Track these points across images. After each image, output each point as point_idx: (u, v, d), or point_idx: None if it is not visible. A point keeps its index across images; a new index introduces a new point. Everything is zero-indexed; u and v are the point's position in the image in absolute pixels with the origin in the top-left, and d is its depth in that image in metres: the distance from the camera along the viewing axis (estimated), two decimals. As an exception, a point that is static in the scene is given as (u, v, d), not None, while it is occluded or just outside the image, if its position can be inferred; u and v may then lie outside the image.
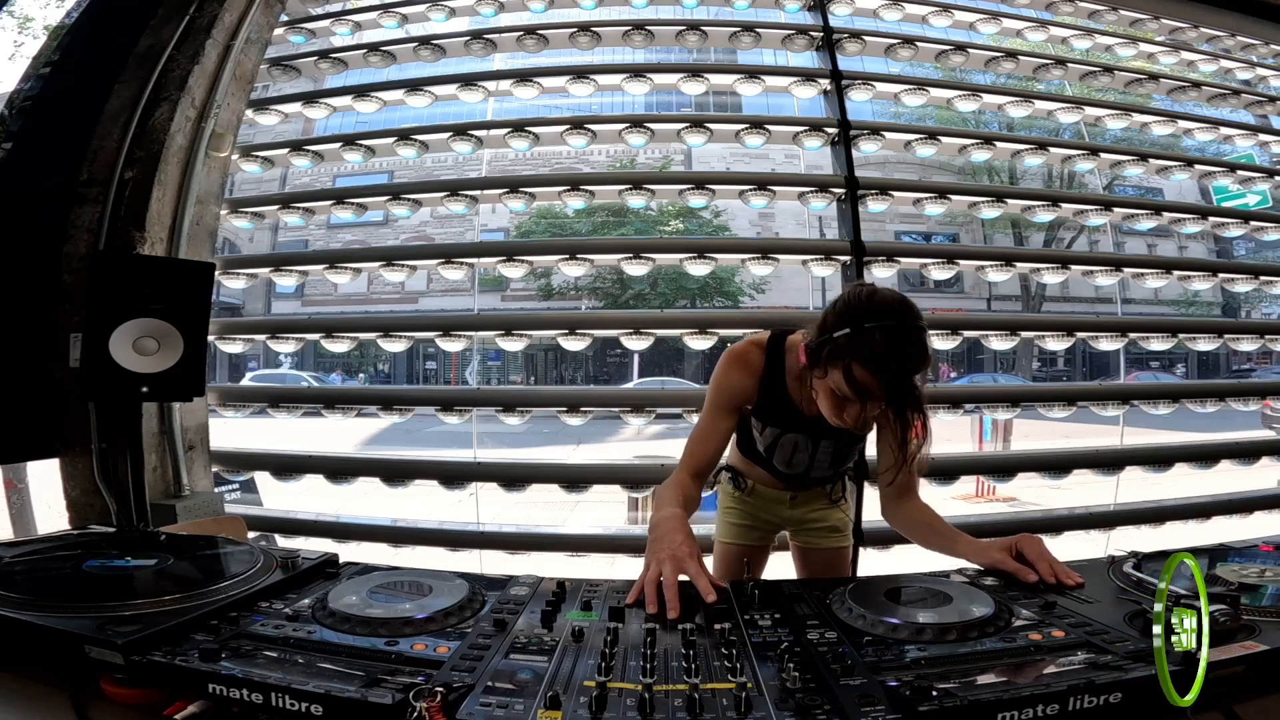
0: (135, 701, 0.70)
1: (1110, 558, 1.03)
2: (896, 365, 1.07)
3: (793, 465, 1.43)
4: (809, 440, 1.38)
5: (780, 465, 1.44)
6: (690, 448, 1.33)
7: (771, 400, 1.35)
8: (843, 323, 1.11)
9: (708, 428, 1.33)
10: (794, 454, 1.41)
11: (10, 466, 3.20)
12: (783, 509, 1.56)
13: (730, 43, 3.27)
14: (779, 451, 1.41)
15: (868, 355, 1.06)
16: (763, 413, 1.39)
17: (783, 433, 1.38)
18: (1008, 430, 7.55)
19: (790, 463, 1.43)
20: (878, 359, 1.06)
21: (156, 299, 2.04)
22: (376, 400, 3.00)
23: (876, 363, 1.06)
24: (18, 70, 2.66)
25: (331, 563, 1.02)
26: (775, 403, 1.35)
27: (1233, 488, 3.00)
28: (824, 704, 0.64)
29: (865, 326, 1.07)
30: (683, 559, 0.94)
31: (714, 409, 1.33)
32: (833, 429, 1.25)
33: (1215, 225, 3.40)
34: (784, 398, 1.34)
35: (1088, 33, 3.63)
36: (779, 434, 1.39)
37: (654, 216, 15.27)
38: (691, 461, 1.30)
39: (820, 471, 1.45)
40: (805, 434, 1.37)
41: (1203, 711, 0.66)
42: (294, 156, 3.14)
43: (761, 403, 1.36)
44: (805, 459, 1.41)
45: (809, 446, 1.39)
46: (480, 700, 0.64)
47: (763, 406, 1.37)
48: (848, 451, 1.44)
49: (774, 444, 1.41)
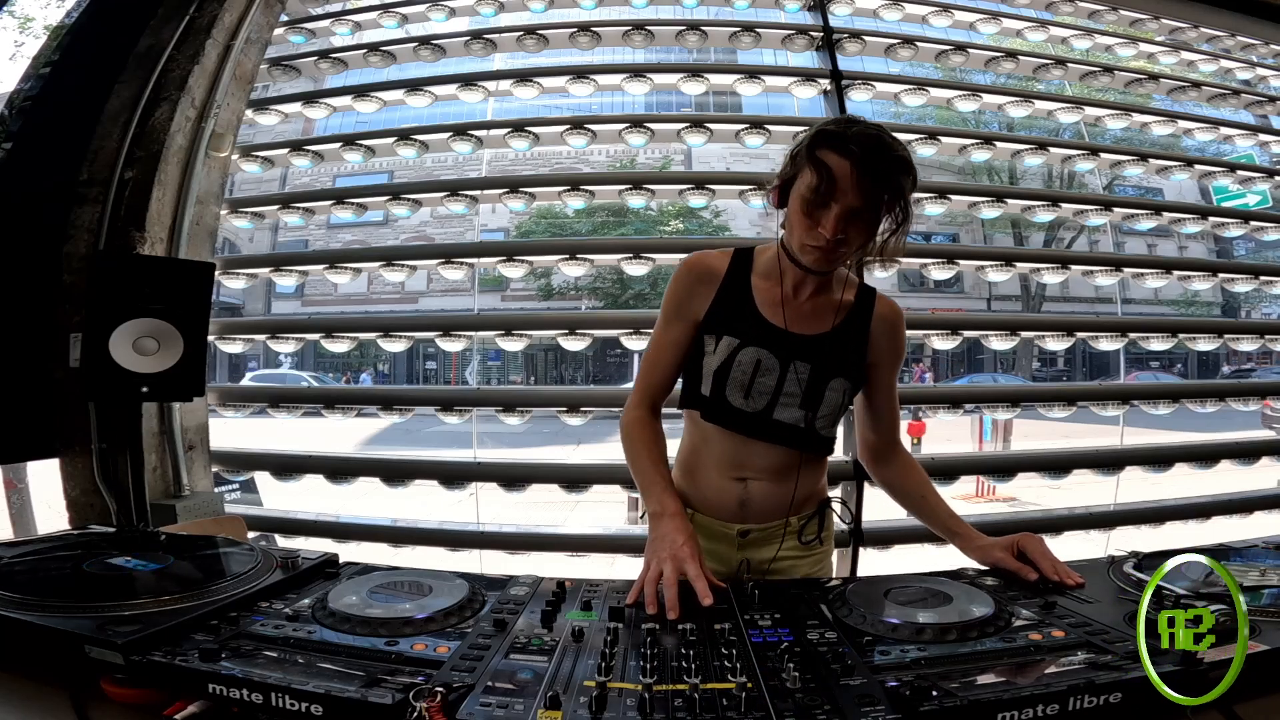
0: (135, 701, 0.70)
1: (1110, 558, 1.03)
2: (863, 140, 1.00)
3: (752, 395, 1.13)
4: (776, 359, 1.13)
5: (736, 397, 1.14)
6: (642, 370, 1.21)
7: (730, 305, 1.15)
8: (806, 138, 1.05)
9: (659, 340, 1.20)
10: (755, 377, 1.13)
11: (10, 466, 3.20)
12: (729, 550, 1.19)
13: (730, 43, 3.27)
14: (735, 373, 1.13)
15: (835, 140, 1.00)
16: (717, 321, 1.15)
17: (742, 345, 1.13)
18: (1008, 430, 7.56)
19: (749, 391, 1.13)
20: (843, 138, 1.00)
21: (156, 299, 2.04)
22: (376, 400, 3.00)
23: (841, 141, 1.00)
24: (18, 70, 2.66)
25: (331, 563, 1.02)
26: (734, 308, 1.15)
27: (1233, 488, 3.00)
28: (824, 704, 0.64)
29: (828, 127, 1.04)
30: (683, 559, 0.93)
31: (664, 319, 1.20)
32: (806, 347, 1.13)
33: (1215, 225, 3.40)
34: (746, 302, 1.15)
35: (1088, 33, 3.63)
36: (736, 347, 1.13)
37: (654, 216, 15.27)
38: (647, 390, 1.20)
39: (787, 411, 1.14)
40: (771, 348, 1.13)
41: (1203, 711, 0.66)
42: (294, 156, 3.14)
43: (717, 310, 1.16)
44: (770, 385, 1.13)
45: (776, 367, 1.13)
46: (480, 700, 0.64)
47: (718, 314, 1.16)
48: (823, 382, 1.14)
49: (729, 362, 1.13)
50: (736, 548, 1.19)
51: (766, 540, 1.19)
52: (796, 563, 1.21)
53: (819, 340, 1.14)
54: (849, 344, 1.16)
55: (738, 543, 1.19)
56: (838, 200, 1.00)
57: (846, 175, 0.99)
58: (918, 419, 6.60)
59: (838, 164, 0.99)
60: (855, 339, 1.17)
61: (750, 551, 1.20)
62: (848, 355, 1.16)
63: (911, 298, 17.70)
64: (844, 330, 1.16)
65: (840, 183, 0.99)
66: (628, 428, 1.18)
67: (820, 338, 1.14)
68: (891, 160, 1.00)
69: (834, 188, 1.00)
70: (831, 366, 1.14)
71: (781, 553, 1.20)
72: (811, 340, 1.14)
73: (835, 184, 0.99)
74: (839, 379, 1.15)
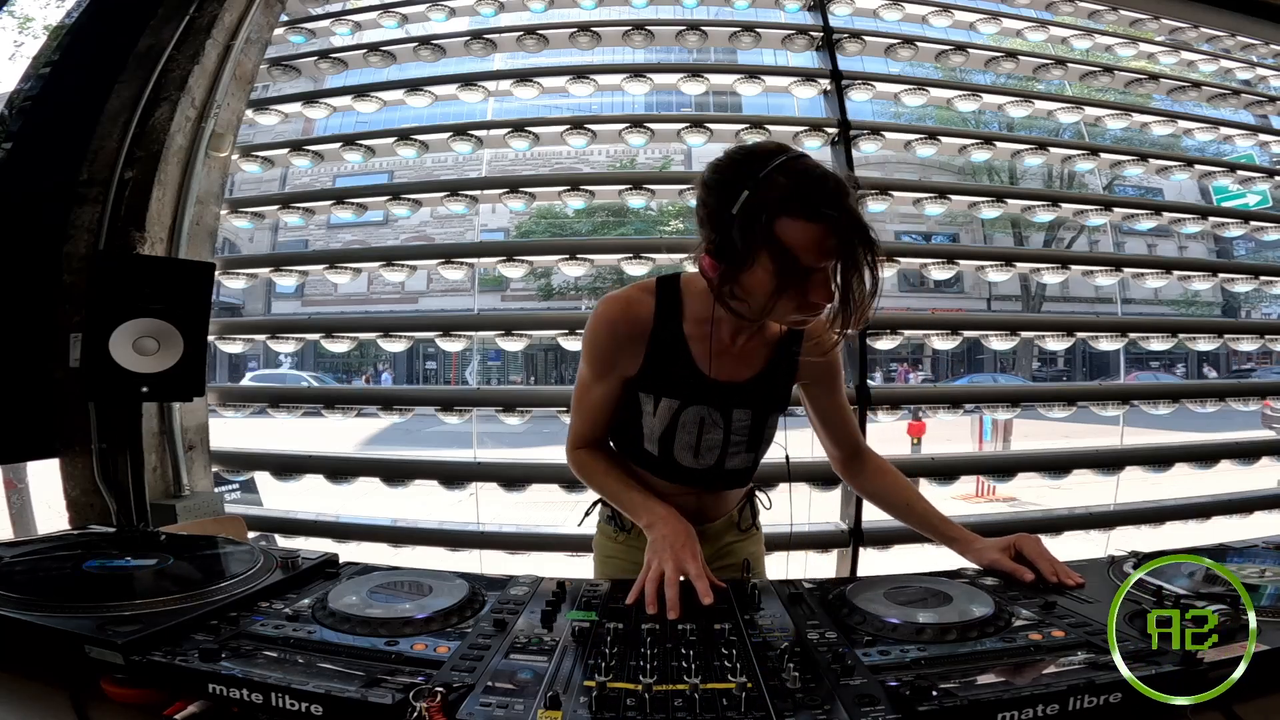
0: (135, 701, 0.70)
1: (1110, 558, 1.03)
2: (823, 193, 0.84)
3: (702, 452, 1.10)
4: (719, 412, 1.07)
5: (685, 457, 1.10)
6: (575, 415, 1.14)
7: (665, 359, 1.05)
8: (732, 189, 0.86)
9: (588, 391, 1.10)
10: (701, 434, 1.08)
11: (10, 466, 3.20)
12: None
13: (730, 43, 3.27)
14: (681, 435, 1.08)
15: (790, 202, 0.83)
16: (654, 380, 1.06)
17: (683, 405, 1.06)
18: (1008, 430, 7.55)
19: (698, 449, 1.09)
20: (801, 198, 0.83)
21: (156, 299, 2.04)
22: (376, 400, 3.00)
23: (802, 203, 0.83)
24: (18, 70, 2.67)
25: (331, 563, 1.02)
26: (670, 364, 1.05)
27: (1233, 488, 3.00)
28: (824, 704, 0.64)
29: (760, 174, 0.85)
30: (684, 559, 0.93)
31: (591, 374, 1.09)
32: (745, 394, 1.07)
33: (1215, 225, 3.40)
34: (683, 354, 1.05)
35: (1088, 33, 3.63)
36: (678, 408, 1.06)
37: (654, 216, 15.26)
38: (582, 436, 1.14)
39: (736, 459, 1.12)
40: (713, 404, 1.07)
41: (1203, 711, 0.66)
42: (294, 156, 3.14)
43: (651, 365, 1.05)
44: (718, 439, 1.09)
45: (720, 421, 1.08)
46: (480, 700, 0.64)
47: (653, 370, 1.06)
48: (764, 422, 1.12)
49: (673, 425, 1.07)
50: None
51: (712, 537, 1.22)
52: (738, 544, 1.25)
53: (755, 382, 1.10)
54: (781, 377, 1.13)
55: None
56: (821, 269, 0.88)
57: (825, 240, 0.85)
58: (918, 419, 6.60)
59: (809, 233, 0.84)
60: (786, 370, 1.13)
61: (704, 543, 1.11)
62: (780, 390, 1.13)
63: (911, 298, 17.70)
64: (776, 365, 1.12)
65: (821, 250, 0.86)
66: (578, 465, 1.14)
67: (756, 380, 1.10)
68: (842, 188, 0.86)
69: (815, 259, 0.86)
70: (769, 405, 1.12)
71: (727, 539, 1.25)
72: (748, 385, 1.10)
73: (815, 255, 0.86)
74: (775, 414, 1.14)
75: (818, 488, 2.49)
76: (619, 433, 1.16)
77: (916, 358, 18.49)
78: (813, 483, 2.46)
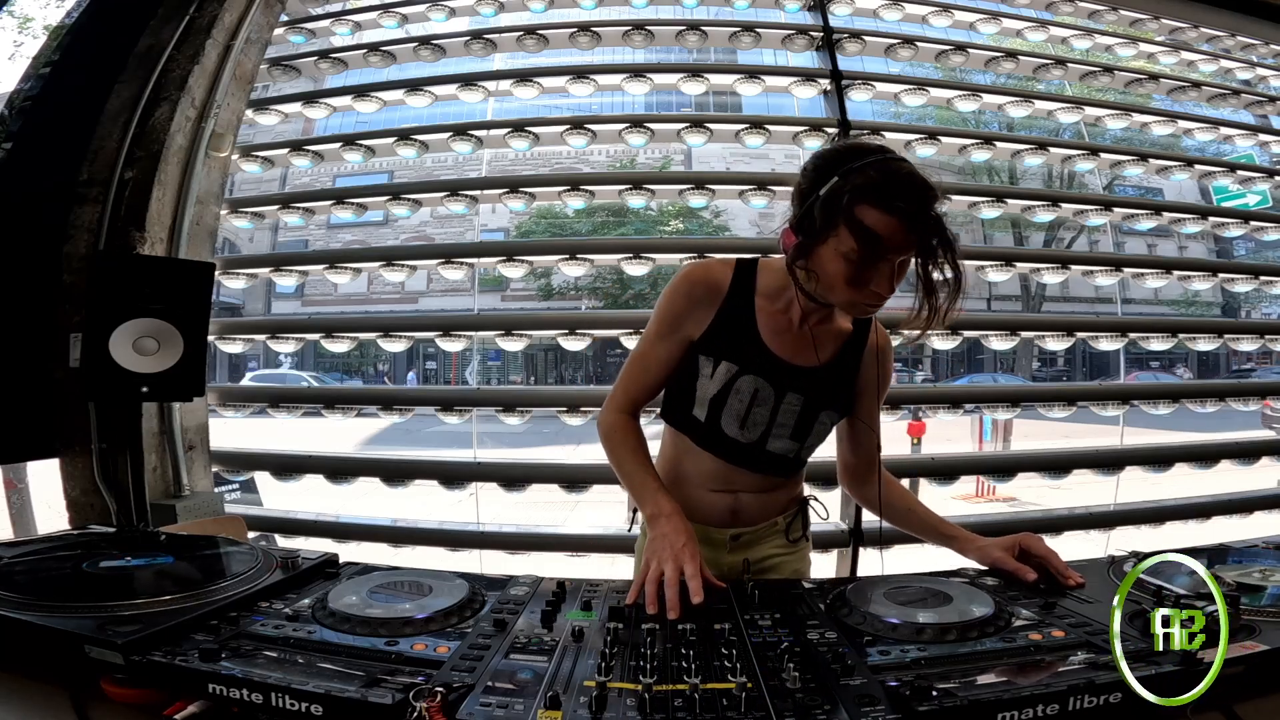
0: (135, 701, 0.70)
1: (1110, 558, 1.03)
2: (907, 190, 0.91)
3: (748, 426, 1.11)
4: (772, 388, 1.10)
5: (731, 426, 1.12)
6: (626, 376, 1.15)
7: (732, 327, 1.10)
8: (825, 174, 0.94)
9: (648, 352, 1.13)
10: (751, 407, 1.10)
11: (10, 466, 3.20)
12: (720, 553, 1.18)
13: (730, 43, 3.27)
14: (732, 401, 1.10)
15: (872, 191, 0.90)
16: (717, 344, 1.10)
17: (740, 372, 1.09)
18: (1008, 430, 7.55)
19: (745, 421, 1.11)
20: (884, 190, 0.90)
21: (156, 299, 2.04)
22: (376, 400, 3.00)
23: (884, 195, 0.90)
24: (18, 70, 2.66)
25: (331, 563, 1.02)
26: (736, 331, 1.10)
27: (1233, 488, 3.00)
28: (824, 704, 0.64)
29: (855, 165, 0.92)
30: (683, 560, 0.92)
31: (656, 332, 1.12)
32: (801, 379, 1.09)
33: (1215, 225, 3.40)
34: (749, 326, 1.10)
35: (1088, 33, 3.63)
36: (735, 374, 1.09)
37: (654, 216, 15.27)
38: (628, 396, 1.14)
39: (780, 442, 1.13)
40: (769, 378, 1.10)
41: (1203, 711, 0.66)
42: (294, 156, 3.14)
43: (717, 330, 1.10)
44: (765, 416, 1.11)
45: (772, 398, 1.10)
46: (480, 700, 0.64)
47: (718, 335, 1.10)
48: (815, 414, 1.13)
49: (727, 389, 1.10)
50: (728, 550, 1.19)
51: (757, 541, 1.20)
52: (783, 560, 1.21)
53: (813, 372, 1.11)
54: (842, 376, 1.14)
55: (729, 545, 1.19)
56: (888, 259, 0.94)
57: (897, 233, 0.91)
58: (918, 419, 6.60)
59: (884, 223, 0.91)
60: (848, 370, 1.15)
61: (741, 553, 1.19)
62: (839, 388, 1.15)
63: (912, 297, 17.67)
64: (838, 362, 1.14)
65: (890, 241, 0.92)
66: (608, 430, 1.15)
67: (815, 370, 1.11)
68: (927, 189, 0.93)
69: (884, 248, 0.92)
70: (824, 399, 1.13)
71: (770, 550, 1.21)
72: (806, 372, 1.11)
73: (885, 244, 0.92)
74: (828, 411, 1.14)
75: (817, 487, 2.49)
76: (671, 400, 1.17)
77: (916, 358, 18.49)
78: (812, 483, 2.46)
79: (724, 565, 1.17)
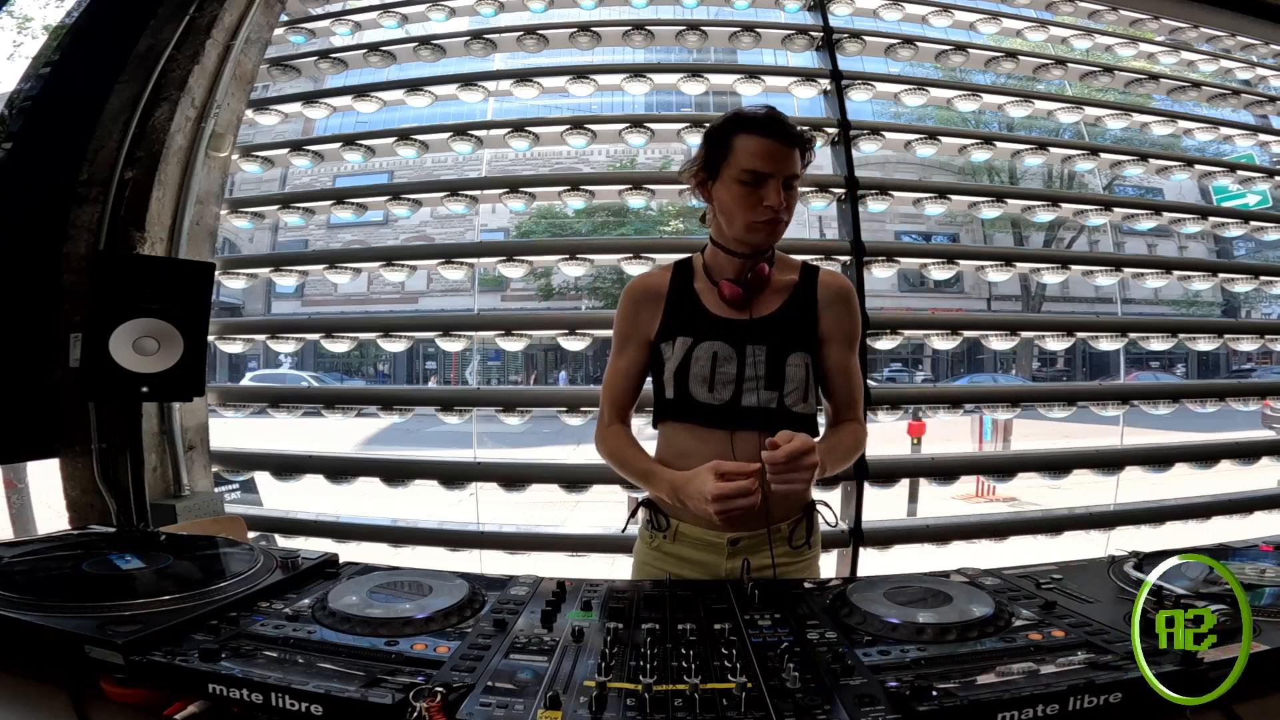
0: (135, 701, 0.70)
1: (1110, 558, 1.03)
2: (773, 119, 1.13)
3: (716, 388, 1.17)
4: (732, 348, 1.17)
5: (700, 390, 1.17)
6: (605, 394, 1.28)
7: (680, 312, 1.22)
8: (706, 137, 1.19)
9: (615, 367, 1.27)
10: (715, 368, 1.16)
11: (10, 466, 3.20)
12: (718, 559, 1.17)
13: (730, 43, 3.27)
14: (694, 368, 1.17)
15: (745, 124, 1.13)
16: (671, 329, 1.22)
17: (696, 342, 1.18)
18: (1008, 430, 7.56)
19: (712, 383, 1.17)
20: (755, 121, 1.13)
21: (156, 299, 2.04)
22: (376, 400, 3.00)
23: (756, 124, 1.13)
24: (18, 70, 2.66)
25: (331, 563, 1.02)
26: (685, 313, 1.21)
27: (1233, 488, 2.99)
28: (824, 704, 0.64)
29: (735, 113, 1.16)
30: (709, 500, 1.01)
31: (617, 346, 1.27)
32: (757, 330, 1.17)
33: (1215, 225, 3.40)
34: (696, 305, 1.22)
35: (1088, 33, 3.63)
36: (691, 345, 1.18)
37: (654, 216, 15.25)
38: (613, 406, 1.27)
39: (755, 395, 1.16)
40: (726, 339, 1.18)
41: (1203, 711, 0.66)
42: (294, 156, 3.14)
43: (668, 321, 1.23)
44: (731, 374, 1.17)
45: (734, 355, 1.17)
46: (480, 700, 0.64)
47: (670, 324, 1.22)
48: (783, 359, 1.17)
49: (687, 359, 1.18)
50: (726, 556, 1.17)
51: (757, 547, 1.16)
52: (787, 568, 1.17)
53: (769, 320, 1.19)
54: (799, 319, 1.21)
55: (728, 551, 1.17)
56: (774, 174, 1.12)
57: (775, 149, 1.12)
58: (918, 419, 6.60)
59: (762, 144, 1.12)
60: (804, 313, 1.21)
61: (741, 560, 1.14)
62: (800, 329, 1.20)
63: (911, 298, 17.70)
64: (791, 306, 1.21)
65: (773, 156, 1.11)
66: (605, 440, 1.25)
67: (770, 317, 1.19)
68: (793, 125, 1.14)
69: (768, 162, 1.11)
70: (787, 342, 1.18)
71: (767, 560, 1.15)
72: (762, 322, 1.19)
73: (768, 159, 1.11)
74: (797, 353, 1.19)
75: (817, 487, 2.49)
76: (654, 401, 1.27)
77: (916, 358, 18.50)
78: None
79: (720, 572, 1.16)
